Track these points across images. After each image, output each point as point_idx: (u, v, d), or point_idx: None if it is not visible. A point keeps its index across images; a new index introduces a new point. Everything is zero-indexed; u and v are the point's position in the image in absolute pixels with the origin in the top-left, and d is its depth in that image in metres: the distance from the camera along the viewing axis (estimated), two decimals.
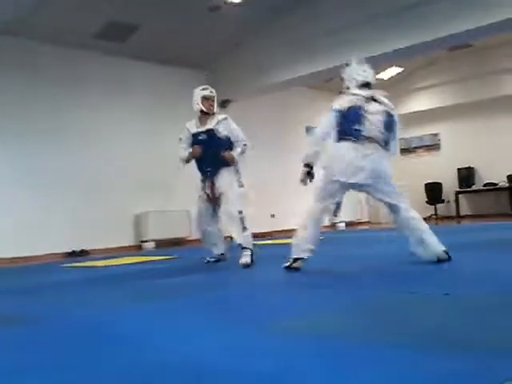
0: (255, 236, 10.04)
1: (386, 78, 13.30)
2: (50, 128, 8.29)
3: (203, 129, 5.15)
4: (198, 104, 5.22)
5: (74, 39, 8.33)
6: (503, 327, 1.83)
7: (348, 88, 4.40)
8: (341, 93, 4.52)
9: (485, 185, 12.59)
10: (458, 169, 12.89)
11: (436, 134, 13.58)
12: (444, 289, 2.68)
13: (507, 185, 12.00)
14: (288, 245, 4.30)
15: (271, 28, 9.19)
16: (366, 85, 4.24)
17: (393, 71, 12.95)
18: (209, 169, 5.16)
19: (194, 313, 2.58)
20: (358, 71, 4.36)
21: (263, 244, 8.05)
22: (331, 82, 12.06)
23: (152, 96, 9.63)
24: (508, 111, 12.51)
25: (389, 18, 7.85)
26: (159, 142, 9.65)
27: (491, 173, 12.54)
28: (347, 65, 4.52)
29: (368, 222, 13.54)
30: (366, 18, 8.02)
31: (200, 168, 5.21)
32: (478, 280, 2.99)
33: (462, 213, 12.75)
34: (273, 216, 11.27)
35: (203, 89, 5.38)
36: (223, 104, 10.55)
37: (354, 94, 4.14)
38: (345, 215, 12.53)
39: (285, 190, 11.53)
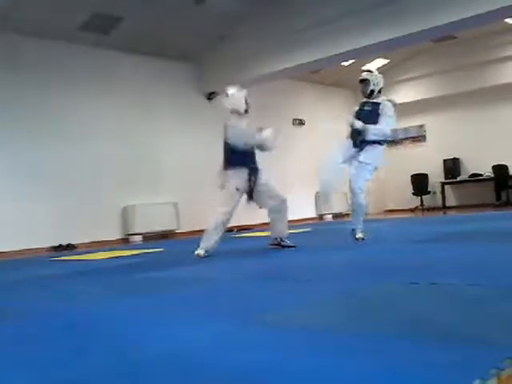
0: (243, 229, 10.11)
1: (372, 70, 13.32)
2: (36, 122, 8.21)
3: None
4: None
5: (57, 32, 8.24)
6: (487, 317, 1.85)
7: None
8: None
9: (470, 176, 12.68)
10: (444, 160, 12.97)
11: (422, 126, 13.64)
12: (430, 279, 2.69)
13: (492, 175, 12.10)
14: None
15: (257, 20, 9.15)
16: None
17: (379, 63, 12.97)
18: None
19: (180, 306, 2.57)
20: None
21: (250, 236, 8.06)
22: (318, 74, 12.10)
23: (138, 88, 9.56)
24: (493, 102, 12.59)
25: (374, 10, 7.85)
26: (146, 134, 9.60)
27: (477, 164, 12.64)
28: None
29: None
30: (352, 10, 8.01)
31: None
32: (464, 270, 3.01)
33: (448, 204, 12.84)
34: (261, 207, 11.24)
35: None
36: (209, 96, 10.52)
37: None
38: (332, 207, 12.60)
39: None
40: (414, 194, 13.11)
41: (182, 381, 1.42)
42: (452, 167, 12.95)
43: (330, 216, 12.58)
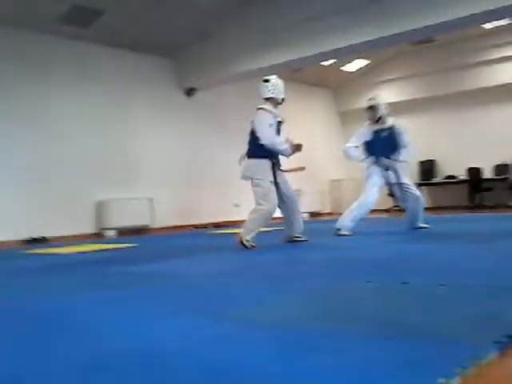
0: (217, 225, 10.10)
1: (351, 71, 13.41)
2: (10, 113, 8.08)
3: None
4: None
5: (37, 24, 8.12)
6: (456, 317, 1.87)
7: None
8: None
9: (445, 178, 12.84)
10: (420, 161, 13.10)
11: None
12: (401, 278, 2.72)
13: (466, 178, 12.27)
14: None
15: (239, 17, 9.13)
16: None
17: (359, 64, 13.06)
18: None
19: (151, 301, 2.56)
20: None
21: (225, 233, 8.05)
22: (299, 73, 12.12)
23: (116, 82, 9.48)
24: (469, 106, 12.77)
25: (355, 11, 7.90)
26: (123, 129, 9.53)
27: (452, 166, 12.80)
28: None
29: (330, 213, 13.67)
30: (333, 10, 8.05)
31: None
32: (436, 270, 3.04)
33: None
34: (236, 206, 11.26)
35: None
36: (188, 92, 10.48)
37: None
38: (308, 206, 12.65)
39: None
40: (389, 195, 13.19)
41: (150, 374, 1.42)
42: (428, 169, 13.10)
43: (306, 215, 12.62)
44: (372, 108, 6.15)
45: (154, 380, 1.38)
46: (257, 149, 5.23)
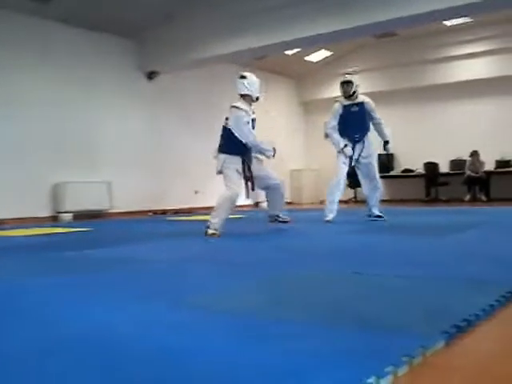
0: (177, 212, 10.04)
1: (314, 61, 13.46)
2: None
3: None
4: None
5: None
6: (406, 307, 1.91)
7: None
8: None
9: (403, 171, 13.06)
10: (378, 154, 13.26)
11: None
12: (354, 268, 2.76)
13: (423, 172, 12.52)
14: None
15: (205, 2, 9.03)
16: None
17: (322, 54, 13.12)
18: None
19: (107, 286, 2.53)
20: None
21: (185, 219, 8.01)
22: (262, 61, 12.10)
23: (76, 61, 9.24)
24: (428, 101, 13.00)
25: (321, 1, 7.92)
26: (82, 110, 9.33)
27: (409, 160, 13.03)
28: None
29: (290, 203, 13.75)
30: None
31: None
32: (389, 261, 3.10)
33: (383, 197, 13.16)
34: (196, 192, 11.21)
35: None
36: (150, 75, 10.34)
37: None
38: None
39: (209, 166, 11.47)
40: (348, 186, 13.35)
41: (104, 359, 1.40)
42: (386, 162, 13.29)
43: (266, 204, 12.65)
44: (347, 83, 6.41)
45: (107, 365, 1.36)
46: (230, 146, 5.25)
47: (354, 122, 6.40)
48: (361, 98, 6.50)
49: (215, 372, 1.28)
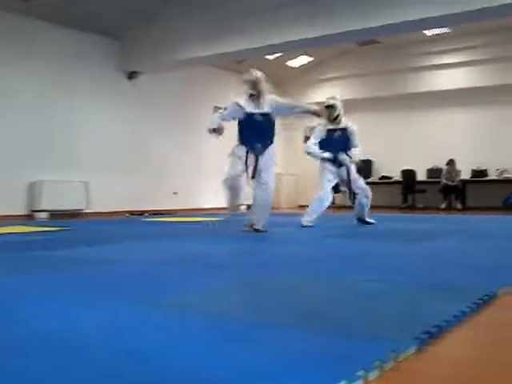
0: (155, 213, 9.98)
1: (295, 66, 13.52)
2: None
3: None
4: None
5: None
6: (379, 312, 1.92)
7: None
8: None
9: (380, 178, 13.18)
10: None
11: None
12: (329, 273, 2.77)
13: (401, 179, 12.64)
14: (189, 223, 4.32)
15: (186, 3, 9.03)
16: None
17: (303, 60, 13.18)
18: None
19: (79, 286, 2.50)
20: None
21: (162, 221, 7.96)
22: (242, 65, 12.10)
23: (57, 59, 9.16)
24: (407, 109, 13.15)
25: (303, 6, 7.97)
26: (61, 109, 9.24)
27: (387, 167, 13.15)
28: None
29: None
30: (280, 3, 8.08)
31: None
32: (363, 266, 3.12)
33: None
34: (175, 194, 11.17)
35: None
36: (130, 75, 10.28)
37: None
38: (247, 198, 12.70)
39: (188, 168, 11.46)
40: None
41: (69, 360, 1.38)
42: (364, 168, 13.38)
43: (244, 207, 12.66)
44: (331, 107, 6.43)
45: (71, 366, 1.34)
46: (238, 135, 5.74)
47: (337, 147, 6.44)
48: (344, 123, 6.54)
49: (189, 375, 1.27)
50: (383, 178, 13.14)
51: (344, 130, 6.49)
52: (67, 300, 2.15)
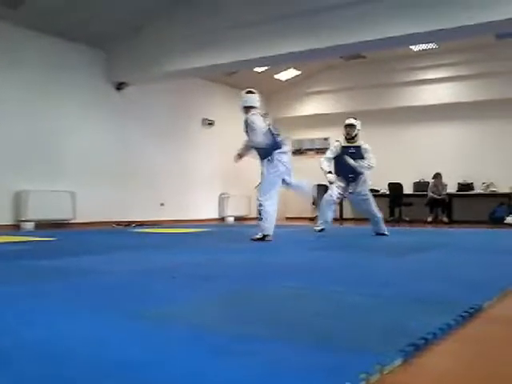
0: (141, 224, 9.93)
1: (283, 79, 13.59)
2: None
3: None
4: None
5: None
6: (364, 325, 1.93)
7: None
8: None
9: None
10: None
11: (326, 139, 13.97)
12: (317, 285, 2.78)
13: (387, 192, 12.70)
14: (176, 234, 4.29)
15: (175, 15, 9.06)
16: None
17: (290, 73, 13.26)
18: None
19: (62, 297, 2.48)
20: None
21: (150, 232, 7.93)
22: (231, 77, 12.15)
23: (43, 69, 9.12)
24: (394, 123, 13.25)
25: (291, 20, 8.02)
26: (48, 119, 9.19)
27: (374, 180, 13.18)
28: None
29: (256, 218, 13.77)
30: (268, 17, 8.14)
31: None
32: (348, 279, 3.12)
33: (346, 216, 13.32)
34: (162, 205, 11.14)
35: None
36: (118, 86, 10.27)
37: None
38: (235, 210, 12.71)
39: (176, 179, 11.44)
40: (313, 203, 13.46)
41: (50, 371, 1.37)
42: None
43: (232, 218, 12.66)
44: (350, 126, 7.08)
45: (52, 377, 1.33)
46: None
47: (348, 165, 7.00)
48: (360, 142, 7.10)
49: None
50: (370, 190, 13.15)
51: (358, 147, 7.05)
52: (53, 310, 2.14)
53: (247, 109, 6.05)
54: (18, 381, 1.30)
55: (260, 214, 5.86)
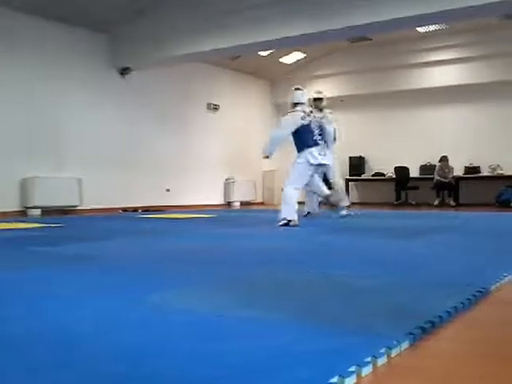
0: (147, 210, 9.96)
1: (288, 63, 13.51)
2: None
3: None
4: None
5: None
6: (373, 308, 1.92)
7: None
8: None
9: (374, 174, 13.20)
10: (350, 157, 13.40)
11: None
12: (322, 268, 2.77)
13: (394, 176, 12.66)
14: (182, 220, 4.30)
15: (177, 0, 9.00)
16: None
17: (296, 56, 13.17)
18: None
19: (68, 282, 2.49)
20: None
21: (156, 217, 7.94)
22: (235, 61, 12.09)
23: (42, 54, 9.06)
24: (400, 106, 13.16)
25: (295, 3, 7.95)
26: (53, 105, 9.19)
27: (381, 163, 13.17)
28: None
29: (262, 203, 13.79)
30: (273, 0, 8.06)
31: None
32: (356, 262, 3.12)
33: (351, 200, 13.28)
34: (168, 190, 11.15)
35: None
36: (122, 71, 10.23)
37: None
38: (240, 195, 12.72)
39: (181, 165, 11.44)
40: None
41: (58, 355, 1.38)
42: (357, 165, 13.42)
43: (238, 203, 12.68)
44: (319, 100, 7.57)
45: (61, 361, 1.34)
46: None
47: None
48: (324, 113, 7.46)
49: (178, 373, 1.27)
50: (376, 174, 13.16)
51: (324, 118, 7.27)
52: (56, 295, 2.15)
53: (294, 105, 6.49)
54: (27, 367, 1.31)
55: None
